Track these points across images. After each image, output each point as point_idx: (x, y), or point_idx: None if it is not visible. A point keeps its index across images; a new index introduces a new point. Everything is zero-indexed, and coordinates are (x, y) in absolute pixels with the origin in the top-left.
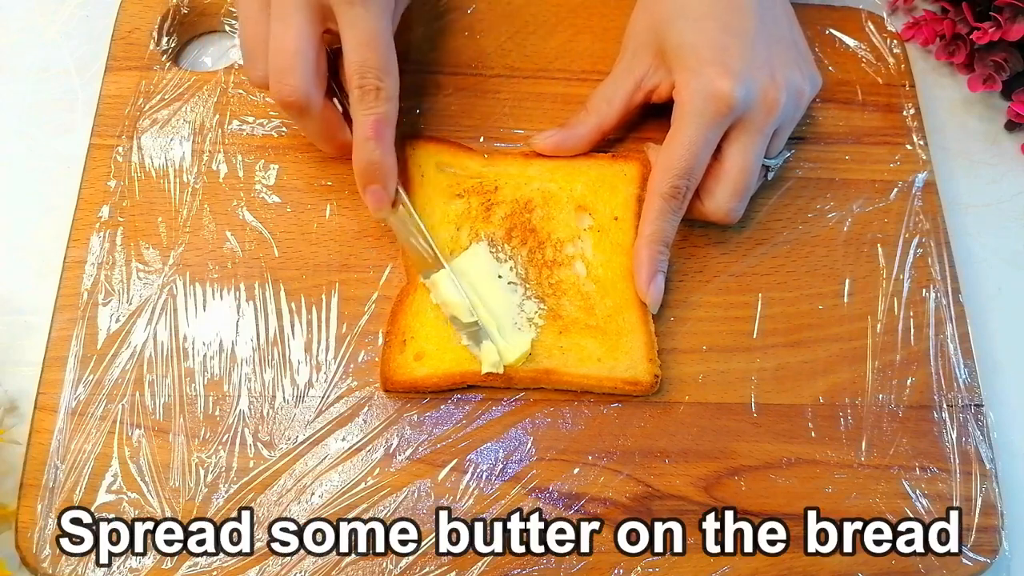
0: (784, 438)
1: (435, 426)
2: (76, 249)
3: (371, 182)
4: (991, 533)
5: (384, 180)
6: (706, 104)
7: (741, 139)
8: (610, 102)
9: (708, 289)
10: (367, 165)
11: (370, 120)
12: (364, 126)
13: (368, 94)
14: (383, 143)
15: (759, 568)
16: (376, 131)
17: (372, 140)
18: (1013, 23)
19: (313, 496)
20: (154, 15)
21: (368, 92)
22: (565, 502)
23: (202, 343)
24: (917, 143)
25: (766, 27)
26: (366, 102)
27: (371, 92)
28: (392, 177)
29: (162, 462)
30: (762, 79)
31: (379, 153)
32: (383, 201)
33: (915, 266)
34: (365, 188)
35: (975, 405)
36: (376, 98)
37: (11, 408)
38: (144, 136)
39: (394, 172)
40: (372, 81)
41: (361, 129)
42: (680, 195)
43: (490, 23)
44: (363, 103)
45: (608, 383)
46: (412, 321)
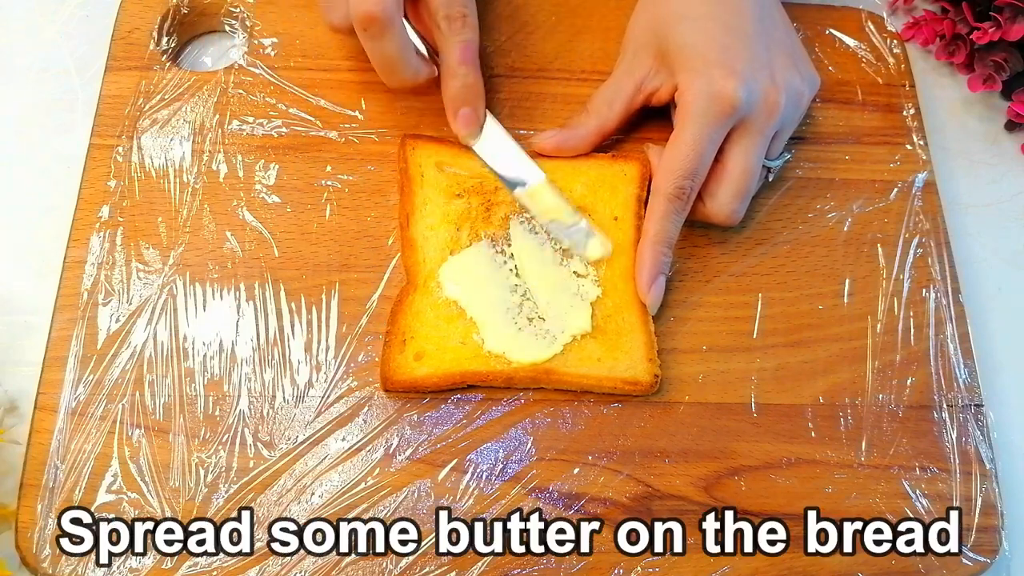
0: (784, 438)
1: (435, 426)
2: (76, 249)
3: (463, 104)
4: (991, 533)
5: (475, 102)
6: (710, 105)
7: (743, 141)
8: (611, 105)
9: (708, 289)
10: (460, 88)
11: (460, 46)
12: (455, 51)
13: (455, 21)
14: (473, 67)
15: (759, 568)
16: (466, 55)
17: (464, 64)
18: (1013, 23)
19: (313, 496)
20: (154, 15)
21: (455, 20)
22: (565, 502)
23: (202, 343)
24: (917, 143)
25: (765, 29)
26: (454, 29)
27: (458, 19)
28: (482, 100)
29: (162, 462)
30: (763, 81)
31: (472, 76)
32: (475, 123)
33: (915, 266)
34: (456, 112)
35: (975, 405)
36: (464, 24)
37: (11, 408)
38: (144, 136)
39: (483, 95)
40: (459, 9)
41: (453, 54)
42: (684, 196)
43: (490, 23)
44: (452, 30)
45: (608, 383)
46: (412, 321)
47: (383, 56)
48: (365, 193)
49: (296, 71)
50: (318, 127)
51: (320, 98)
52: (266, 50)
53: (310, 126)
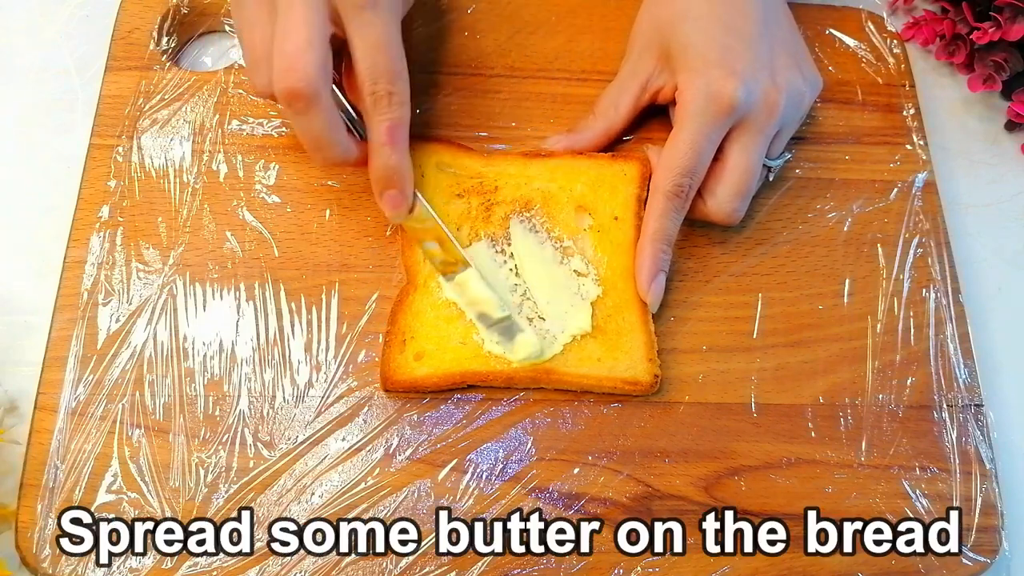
0: (784, 438)
1: (435, 426)
2: (76, 249)
3: (388, 187)
4: (991, 533)
5: (401, 184)
6: (708, 104)
7: (743, 139)
8: (617, 107)
9: (708, 289)
10: (384, 171)
11: (384, 125)
12: (379, 132)
13: (381, 100)
14: (398, 148)
15: (759, 568)
16: (391, 136)
17: (387, 145)
18: (1013, 23)
19: (313, 496)
20: (154, 15)
21: (381, 98)
22: (565, 502)
23: (202, 343)
24: (917, 143)
25: (768, 30)
26: (380, 107)
27: (384, 98)
28: (409, 181)
29: (162, 462)
30: (764, 81)
31: (395, 158)
32: (401, 206)
33: (915, 266)
34: (382, 193)
35: (975, 405)
36: (389, 103)
37: (11, 408)
38: (144, 136)
39: (410, 176)
40: (384, 86)
41: (376, 135)
42: (683, 194)
43: (490, 23)
44: (377, 108)
45: (608, 383)
46: (412, 321)
47: (309, 133)
48: (365, 193)
49: None
50: None
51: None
52: None
53: None
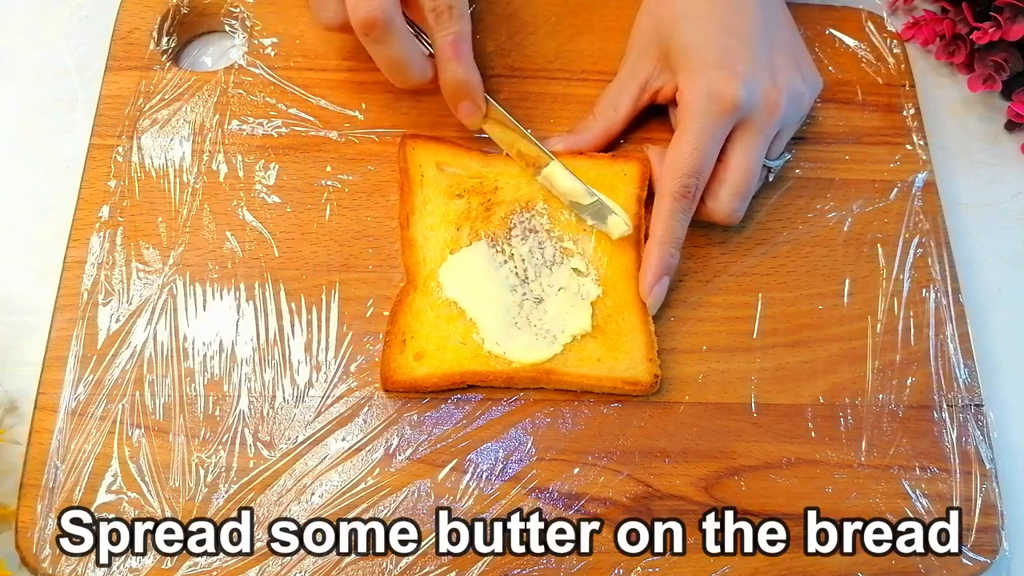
0: (784, 438)
1: (435, 426)
2: (76, 249)
3: (461, 99)
4: (991, 533)
5: (473, 95)
6: (711, 104)
7: (744, 140)
8: (616, 107)
9: (708, 289)
10: (454, 84)
11: (448, 40)
12: (444, 46)
13: (443, 15)
14: (464, 60)
15: (759, 568)
16: (455, 50)
17: (453, 60)
18: (1013, 23)
19: (313, 496)
20: (154, 15)
21: (442, 13)
22: (565, 502)
23: (202, 343)
24: (917, 143)
25: (767, 30)
26: (441, 22)
27: (444, 12)
28: (479, 90)
29: (162, 462)
30: (764, 81)
31: (463, 70)
32: (476, 114)
33: (915, 266)
34: (456, 105)
35: (975, 405)
36: (450, 17)
37: (11, 408)
38: (144, 136)
39: (480, 85)
40: (443, 2)
41: (442, 50)
42: (690, 194)
43: (490, 23)
44: (439, 24)
45: (608, 383)
46: (412, 321)
47: (388, 59)
48: (365, 193)
49: (296, 71)
50: (318, 127)
51: (320, 98)
52: (266, 50)
53: (310, 126)
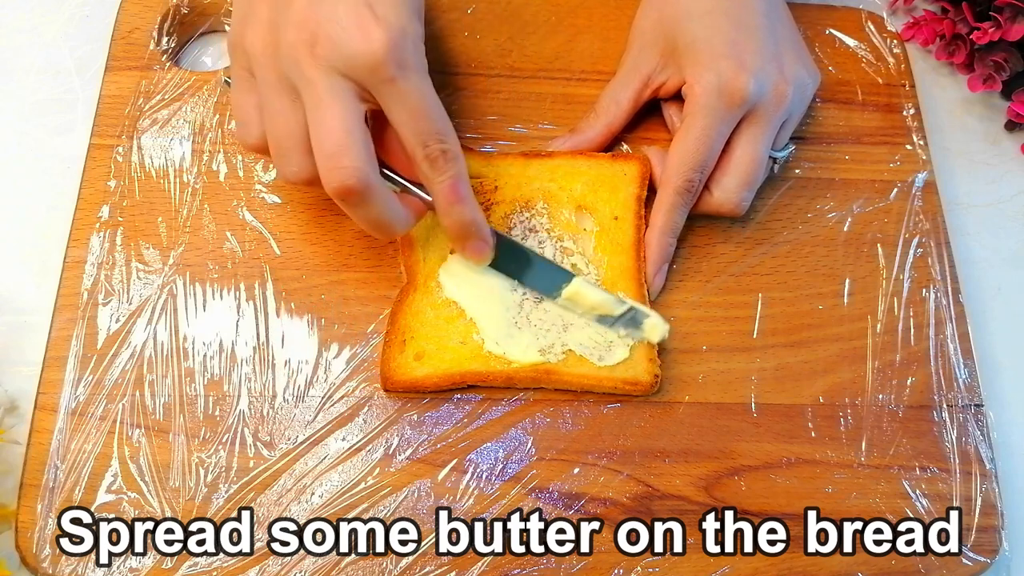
0: (784, 438)
1: (435, 426)
2: (76, 249)
3: (469, 240)
4: (991, 533)
5: (480, 233)
6: (720, 99)
7: (751, 130)
8: (618, 103)
9: (708, 289)
10: (460, 227)
11: (447, 184)
12: (444, 192)
13: (437, 160)
14: (467, 201)
15: (759, 568)
16: (456, 193)
17: (457, 204)
18: (1013, 23)
19: (313, 496)
20: (154, 15)
21: (436, 159)
22: (565, 502)
23: (202, 343)
24: (917, 143)
25: (772, 23)
26: (438, 168)
27: (439, 157)
28: (485, 227)
29: (162, 462)
30: (772, 73)
31: (468, 212)
32: (485, 251)
33: (915, 266)
34: (464, 246)
35: (975, 405)
36: (446, 160)
37: (11, 408)
38: (144, 136)
39: (484, 221)
40: (436, 147)
41: (443, 196)
42: (693, 189)
43: (490, 23)
44: (435, 170)
45: (608, 383)
46: (412, 321)
47: (369, 220)
48: None
49: None
50: None
51: None
52: None
53: None
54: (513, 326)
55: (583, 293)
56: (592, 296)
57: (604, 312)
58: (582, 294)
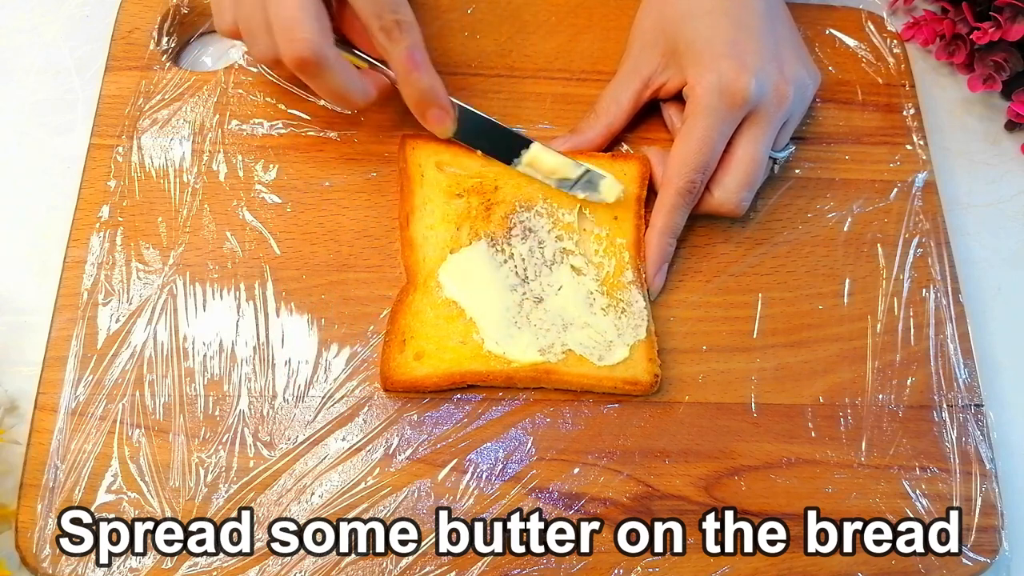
0: (784, 438)
1: (435, 426)
2: (76, 249)
3: (428, 107)
4: (991, 533)
5: (439, 101)
6: (721, 99)
7: (752, 131)
8: (619, 103)
9: (708, 289)
10: (419, 94)
11: (404, 53)
12: (401, 60)
13: (392, 30)
14: (424, 68)
15: (759, 568)
16: (413, 61)
17: (414, 71)
18: (1013, 23)
19: (313, 496)
20: (154, 15)
21: (391, 29)
22: (565, 502)
23: (202, 343)
24: (917, 143)
25: (772, 23)
26: (393, 38)
27: (394, 27)
28: (445, 95)
29: (162, 462)
30: (773, 73)
31: (426, 79)
32: (446, 119)
33: (915, 266)
34: (424, 114)
35: (975, 405)
36: (401, 31)
37: (11, 408)
38: (144, 136)
39: (443, 90)
40: (390, 17)
41: (401, 64)
42: (694, 189)
43: (490, 23)
44: (391, 40)
45: (608, 383)
46: (412, 321)
47: (327, 90)
48: (365, 193)
49: None
50: (318, 127)
51: (320, 98)
52: None
53: (310, 126)
54: (513, 326)
55: (541, 157)
56: (550, 159)
57: (562, 175)
58: (540, 158)
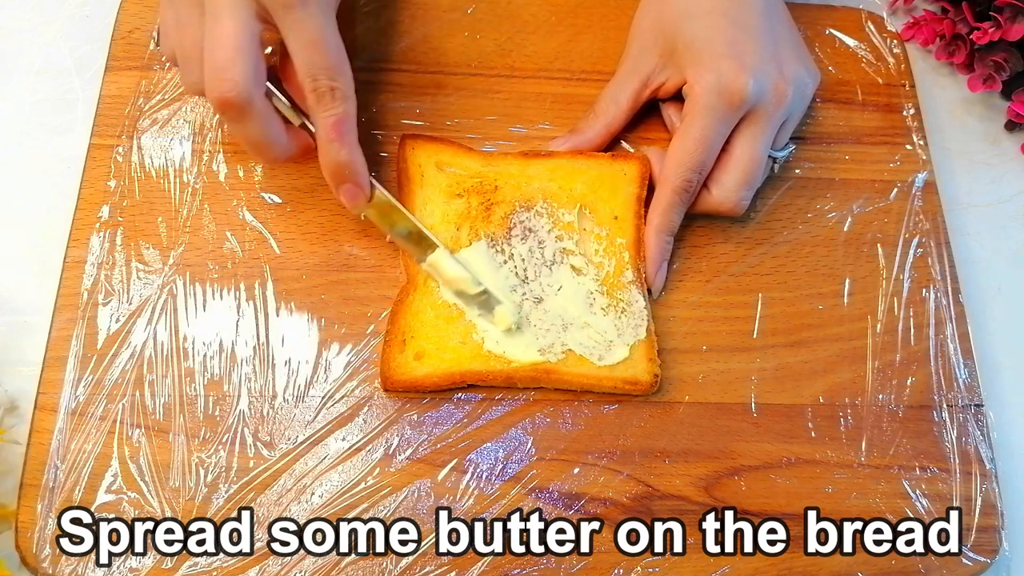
0: (784, 438)
1: (435, 426)
2: (76, 249)
3: (343, 182)
4: (991, 533)
5: (355, 178)
6: (720, 99)
7: (751, 130)
8: (618, 103)
9: (708, 289)
10: (335, 166)
11: (330, 121)
12: (325, 128)
13: (324, 96)
14: (347, 142)
15: (759, 568)
16: (338, 132)
17: (336, 142)
18: (1013, 23)
19: (313, 496)
20: (154, 15)
21: (324, 94)
22: (565, 502)
23: (202, 343)
24: (917, 143)
25: (771, 23)
26: (323, 104)
27: (326, 94)
28: (363, 173)
29: (162, 462)
30: (772, 72)
31: (345, 152)
32: (358, 197)
33: (915, 266)
34: (338, 188)
35: (975, 405)
36: (332, 99)
37: (11, 408)
38: (144, 136)
39: (363, 168)
40: (325, 83)
41: (323, 132)
42: (691, 188)
43: (490, 23)
44: (321, 105)
45: (608, 383)
46: (412, 321)
47: (244, 137)
48: None
49: None
50: None
51: None
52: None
53: None
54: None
55: (442, 265)
56: (451, 270)
57: (460, 288)
58: (441, 266)
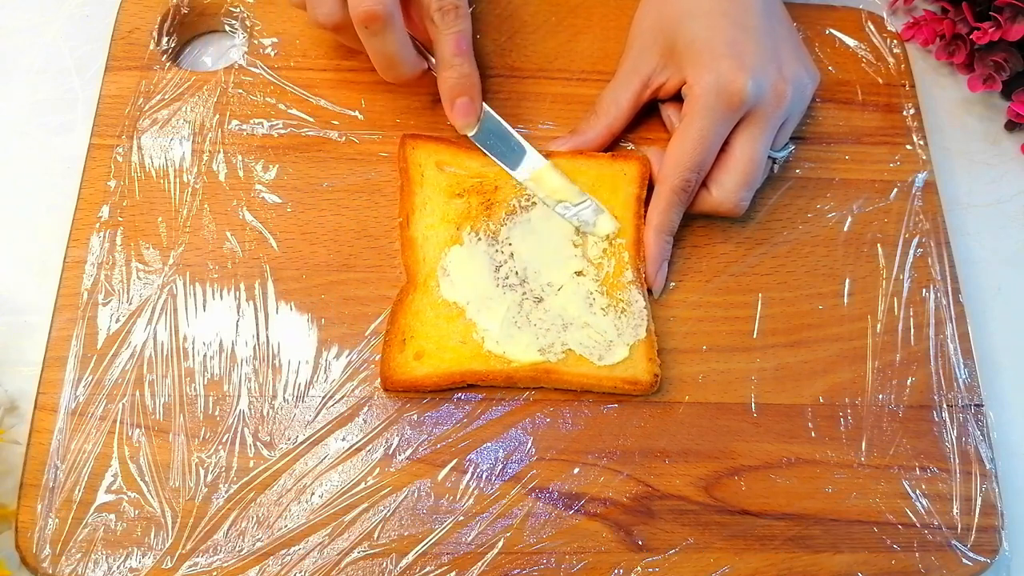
0: (784, 438)
1: (435, 426)
2: (76, 249)
3: (460, 94)
4: (991, 533)
5: (472, 92)
6: (719, 99)
7: (751, 130)
8: (618, 103)
9: (708, 289)
10: (457, 79)
11: (454, 38)
12: (449, 44)
13: (448, 14)
14: (468, 57)
15: (759, 568)
16: (459, 47)
17: (459, 56)
18: (1013, 23)
19: (313, 496)
20: (154, 15)
21: (448, 12)
22: (565, 502)
23: (202, 343)
24: (917, 143)
25: (771, 23)
26: (447, 21)
27: (451, 11)
28: (478, 90)
29: (162, 462)
30: (771, 73)
31: (467, 67)
32: (472, 113)
33: (915, 266)
34: (453, 102)
35: (975, 405)
36: (456, 16)
37: (11, 408)
38: (144, 136)
39: (479, 85)
40: (450, 1)
41: (447, 47)
42: (689, 188)
43: (490, 23)
44: (445, 22)
45: (608, 383)
46: (412, 321)
47: (384, 53)
48: (365, 193)
49: (296, 71)
50: (318, 127)
51: (320, 98)
52: (266, 50)
53: (310, 126)
54: (513, 325)
55: (548, 177)
56: (556, 181)
57: (563, 198)
58: (547, 177)
